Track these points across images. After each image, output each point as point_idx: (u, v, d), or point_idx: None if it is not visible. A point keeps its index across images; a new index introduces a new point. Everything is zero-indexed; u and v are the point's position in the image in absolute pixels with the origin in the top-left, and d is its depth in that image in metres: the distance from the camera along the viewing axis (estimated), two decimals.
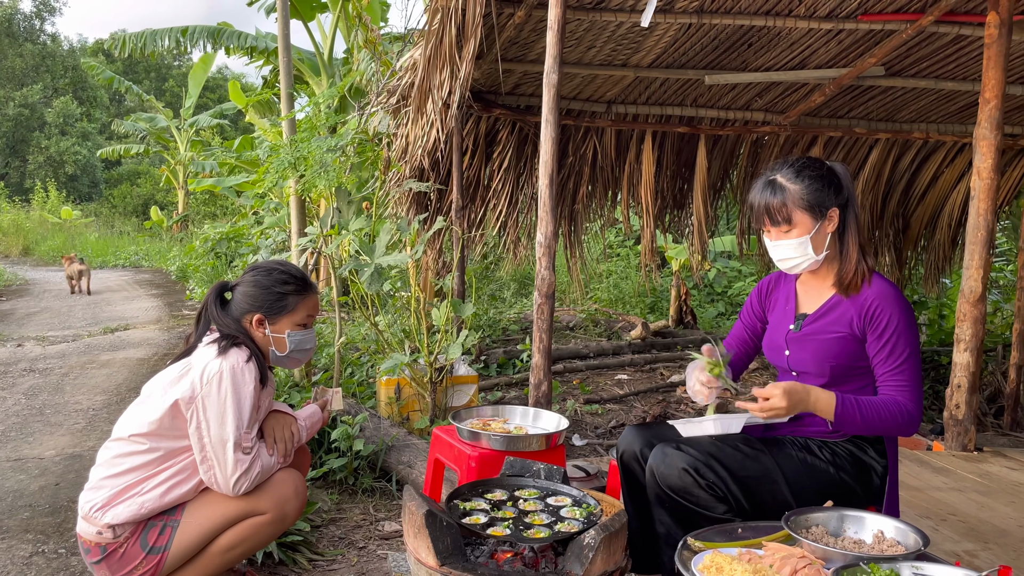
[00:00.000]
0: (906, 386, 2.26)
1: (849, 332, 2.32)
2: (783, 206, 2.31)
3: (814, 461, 2.32)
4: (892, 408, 2.23)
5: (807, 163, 2.35)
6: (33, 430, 4.96)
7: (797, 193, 2.31)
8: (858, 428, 2.25)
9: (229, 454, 2.32)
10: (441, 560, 1.95)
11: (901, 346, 2.26)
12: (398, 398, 4.67)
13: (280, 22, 5.08)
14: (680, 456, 2.23)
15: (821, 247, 2.35)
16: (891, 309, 2.28)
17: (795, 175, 2.33)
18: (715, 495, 2.20)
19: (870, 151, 6.71)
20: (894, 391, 2.26)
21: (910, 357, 2.27)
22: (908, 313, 2.29)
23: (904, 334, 2.27)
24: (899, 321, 2.27)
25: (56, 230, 22.60)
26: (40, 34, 35.10)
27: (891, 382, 2.28)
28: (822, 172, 2.34)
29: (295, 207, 5.10)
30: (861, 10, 4.83)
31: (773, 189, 2.34)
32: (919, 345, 2.30)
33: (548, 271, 3.75)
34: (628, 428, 2.54)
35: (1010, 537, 3.17)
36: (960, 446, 4.50)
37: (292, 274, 2.61)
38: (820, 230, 2.32)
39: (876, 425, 2.24)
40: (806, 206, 2.31)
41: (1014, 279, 7.15)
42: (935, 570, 1.79)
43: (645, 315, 10.25)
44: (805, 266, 2.37)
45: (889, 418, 2.23)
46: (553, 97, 3.67)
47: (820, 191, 2.31)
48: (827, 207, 2.32)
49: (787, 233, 2.34)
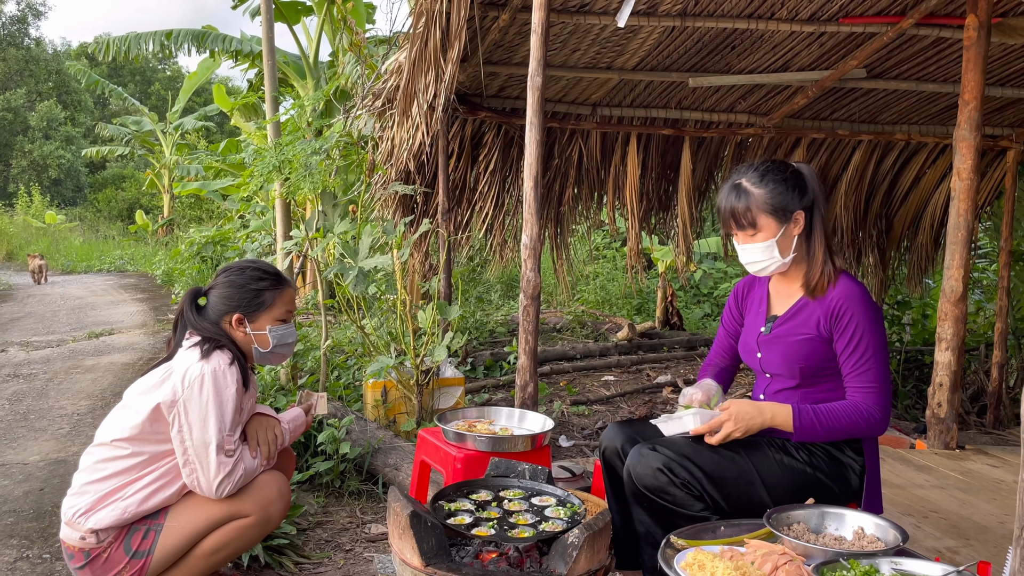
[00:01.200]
0: (870, 386, 2.27)
1: (816, 333, 2.34)
2: (748, 210, 2.34)
3: (791, 462, 2.33)
4: (852, 413, 2.25)
5: (771, 167, 2.37)
6: (17, 435, 4.93)
7: (761, 197, 2.33)
8: (820, 436, 2.28)
9: (212, 457, 2.32)
10: (426, 561, 1.96)
11: (864, 345, 2.27)
12: (384, 401, 4.67)
13: (264, 25, 5.08)
14: (655, 456, 2.25)
15: (788, 250, 2.37)
16: (855, 309, 2.29)
17: (759, 179, 2.35)
18: (691, 493, 2.22)
19: (853, 152, 6.76)
20: (858, 392, 2.28)
21: (875, 356, 2.27)
22: (873, 312, 2.30)
23: (869, 333, 2.28)
24: (863, 320, 2.28)
25: (40, 235, 22.45)
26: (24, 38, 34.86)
27: (856, 382, 2.29)
28: (786, 175, 2.36)
29: (280, 210, 5.10)
30: (842, 13, 4.87)
31: (738, 194, 2.36)
32: (885, 344, 2.31)
33: (534, 273, 3.76)
34: (610, 425, 2.56)
35: (991, 534, 3.20)
36: (942, 444, 4.54)
37: (265, 270, 2.61)
38: (786, 233, 2.35)
39: (838, 431, 2.27)
40: (770, 210, 2.33)
41: (996, 279, 7.21)
42: (914, 565, 1.81)
43: (631, 316, 10.28)
44: (773, 268, 2.40)
45: (851, 423, 2.25)
46: (538, 100, 3.69)
47: (784, 195, 2.33)
48: (792, 210, 2.34)
49: (753, 237, 2.36)
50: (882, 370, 2.28)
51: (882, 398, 2.27)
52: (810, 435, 2.27)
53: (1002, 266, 6.44)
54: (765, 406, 2.28)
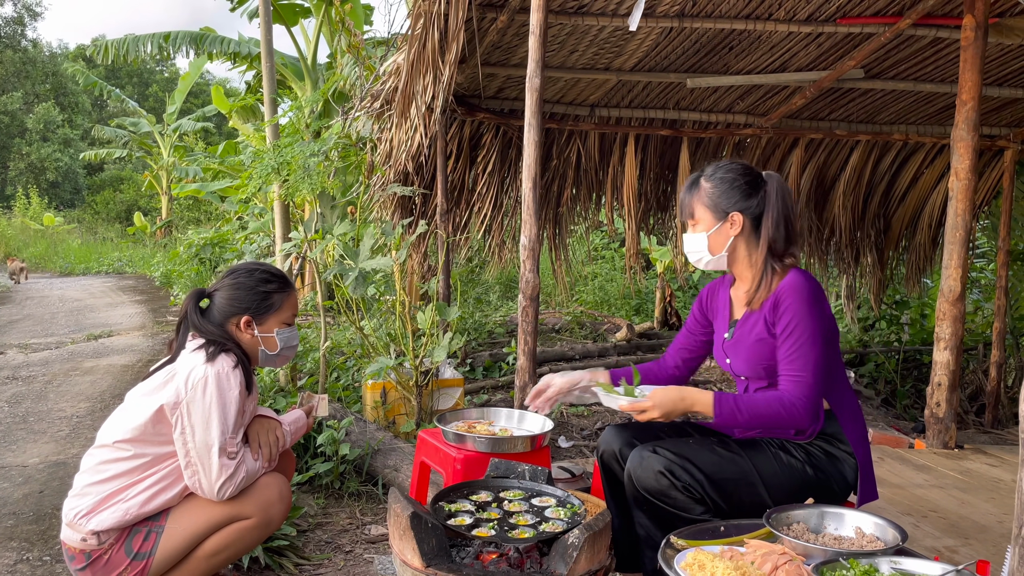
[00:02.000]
0: (798, 375, 2.25)
1: (767, 332, 2.36)
2: (690, 201, 2.45)
3: (790, 461, 2.34)
4: (775, 403, 2.24)
5: (727, 166, 2.44)
6: (16, 438, 4.93)
7: (705, 191, 2.42)
8: (741, 423, 2.27)
9: (214, 459, 2.32)
10: (426, 561, 1.96)
11: (797, 333, 2.26)
12: (384, 402, 4.68)
13: (263, 27, 5.08)
14: (656, 459, 2.25)
15: (719, 247, 2.42)
16: (791, 298, 2.29)
17: (712, 173, 2.44)
18: (692, 497, 2.22)
19: (851, 152, 6.77)
20: (787, 381, 2.27)
21: (806, 345, 2.25)
22: (811, 303, 2.28)
23: (803, 322, 2.26)
24: (799, 309, 2.27)
25: (38, 237, 22.42)
26: (21, 40, 34.82)
27: (785, 371, 2.29)
28: (733, 176, 2.40)
29: (279, 212, 5.11)
30: (840, 13, 4.88)
31: (691, 185, 2.47)
32: (820, 335, 2.26)
33: (533, 274, 3.77)
34: (608, 428, 2.57)
35: (990, 533, 3.21)
36: (941, 444, 4.55)
37: (273, 273, 2.61)
38: (720, 231, 2.40)
39: (759, 422, 2.26)
40: (708, 204, 2.41)
41: (994, 278, 7.22)
42: (913, 565, 1.81)
43: (630, 317, 10.29)
44: (705, 262, 2.46)
45: (772, 412, 2.24)
46: (536, 101, 3.69)
47: (724, 193, 2.39)
48: (728, 210, 2.38)
49: (693, 227, 2.46)
50: (809, 359, 2.25)
51: (809, 389, 2.24)
52: (729, 421, 2.26)
53: (1000, 265, 6.46)
54: (687, 392, 2.30)
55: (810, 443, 2.38)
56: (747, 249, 2.40)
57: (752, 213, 2.38)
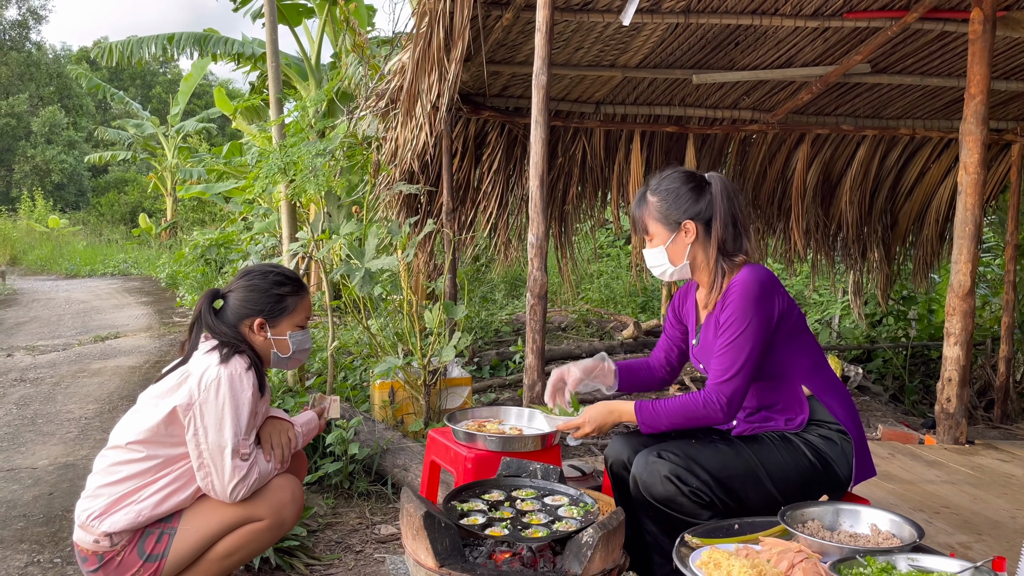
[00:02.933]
0: (720, 372, 2.27)
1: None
2: (641, 218, 2.45)
3: (792, 451, 2.34)
4: (690, 404, 2.30)
5: (669, 176, 2.44)
6: (25, 440, 4.94)
7: (653, 206, 2.43)
8: (665, 426, 2.34)
9: (227, 461, 2.32)
10: (440, 561, 1.95)
11: (732, 330, 2.27)
12: (392, 401, 4.67)
13: (268, 28, 5.08)
14: (662, 463, 2.25)
15: (679, 257, 2.42)
16: (735, 294, 2.29)
17: (655, 188, 2.44)
18: (699, 502, 2.22)
19: (857, 148, 6.75)
20: (711, 377, 2.30)
21: (737, 341, 2.26)
22: (754, 296, 2.26)
23: (740, 318, 2.26)
24: (738, 305, 2.27)
25: (44, 239, 22.45)
26: (25, 43, 34.88)
27: (714, 367, 2.31)
28: (677, 186, 2.40)
29: (285, 212, 5.10)
30: (846, 8, 4.86)
31: (640, 201, 2.47)
32: (756, 334, 2.26)
33: (540, 272, 3.76)
34: (615, 437, 2.57)
35: (1003, 528, 3.19)
36: (952, 439, 4.53)
37: (287, 275, 2.61)
38: (676, 241, 2.41)
39: (680, 421, 2.32)
40: (659, 218, 2.41)
41: (1002, 273, 7.20)
42: (930, 561, 1.80)
43: (637, 314, 10.27)
44: (669, 274, 2.46)
45: (689, 413, 2.30)
46: (542, 98, 3.68)
47: (671, 204, 2.39)
48: (679, 219, 2.38)
49: (651, 242, 2.46)
50: (740, 358, 2.25)
51: (728, 388, 2.26)
52: (652, 425, 2.34)
53: (1008, 260, 6.43)
54: (613, 405, 2.42)
55: (807, 431, 2.38)
56: (704, 253, 2.41)
57: (703, 218, 2.39)
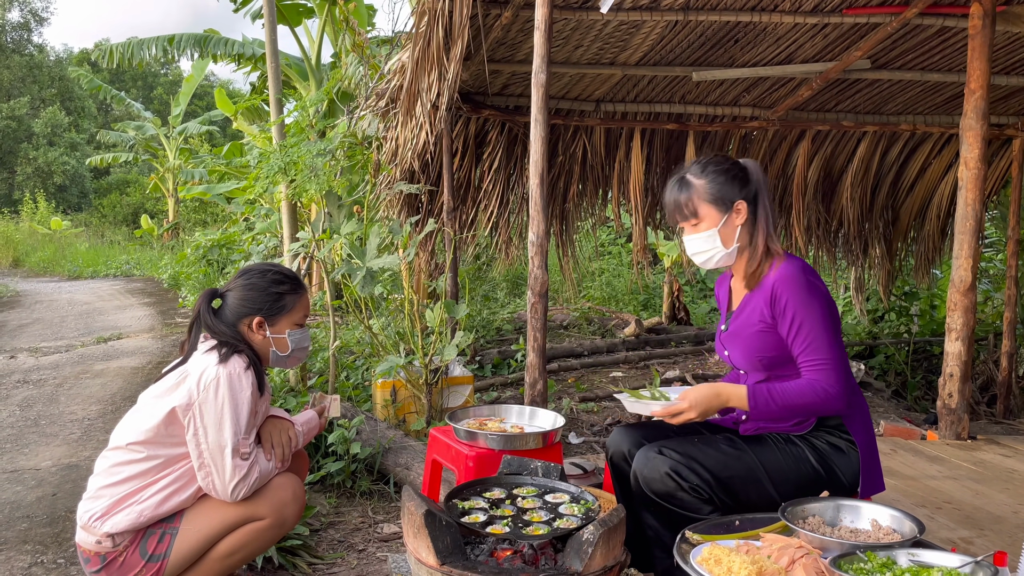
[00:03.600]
0: (820, 362, 2.26)
1: (763, 325, 2.35)
2: (689, 199, 2.40)
3: (796, 456, 2.33)
4: (806, 389, 2.25)
5: (712, 160, 2.43)
6: (28, 441, 4.95)
7: (702, 187, 2.40)
8: (776, 413, 2.27)
9: (227, 460, 2.33)
10: (441, 559, 1.96)
11: (808, 325, 2.26)
12: (394, 400, 4.68)
13: (268, 28, 5.08)
14: (662, 460, 2.25)
15: (731, 240, 2.40)
16: (790, 290, 2.29)
17: (700, 171, 2.42)
18: (699, 497, 2.22)
19: (858, 144, 6.75)
20: (811, 370, 2.27)
21: (817, 332, 2.26)
22: (808, 289, 2.28)
23: (806, 311, 2.27)
24: (798, 299, 2.27)
25: (46, 241, 22.47)
26: (27, 45, 34.92)
27: (806, 363, 2.28)
28: (726, 167, 2.41)
29: (286, 212, 5.11)
30: (846, 4, 4.85)
31: (681, 186, 2.43)
32: (828, 318, 2.28)
33: (541, 270, 3.76)
34: (616, 429, 2.57)
35: (1005, 523, 3.19)
36: (954, 435, 4.53)
37: (285, 274, 2.61)
38: (728, 223, 2.39)
39: (794, 408, 2.26)
40: (711, 199, 2.39)
41: (1003, 268, 7.19)
42: (931, 556, 1.80)
43: (638, 312, 10.27)
44: (717, 259, 2.43)
45: (806, 399, 2.25)
46: (542, 97, 3.68)
47: (724, 184, 2.38)
48: (732, 200, 2.38)
49: (696, 227, 2.42)
50: (827, 345, 2.26)
51: (835, 373, 2.25)
52: (765, 413, 2.27)
53: (1009, 255, 6.43)
54: (721, 387, 2.31)
55: (814, 435, 2.37)
56: (749, 236, 2.41)
57: (751, 200, 2.40)
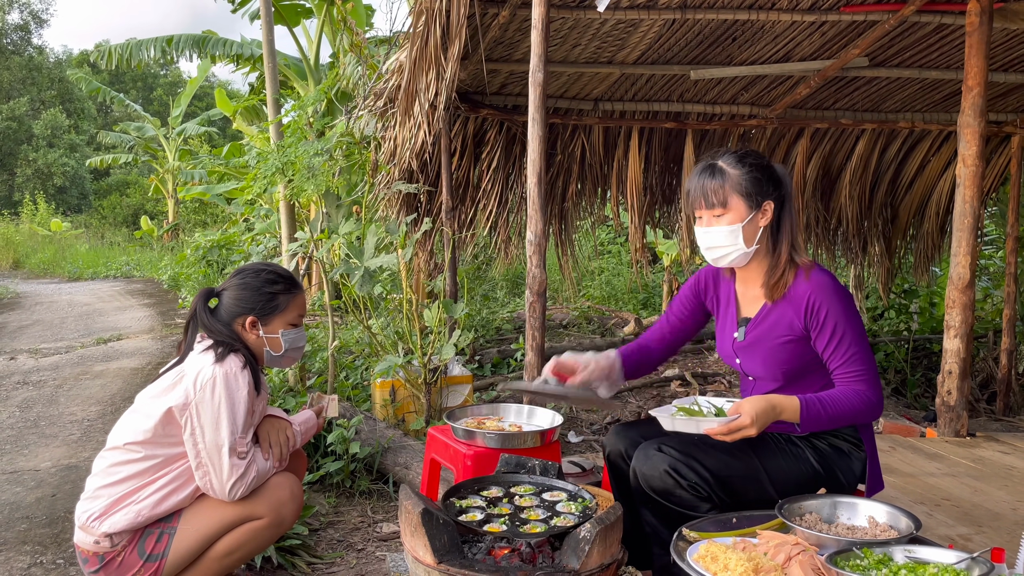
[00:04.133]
0: (861, 374, 2.25)
1: (793, 335, 2.31)
2: (721, 188, 2.29)
3: (796, 456, 2.32)
4: (853, 398, 2.23)
5: (751, 152, 2.35)
6: (28, 442, 4.95)
7: (737, 178, 2.29)
8: (824, 424, 2.23)
9: (224, 459, 2.33)
10: (438, 558, 1.96)
11: (848, 337, 2.25)
12: (393, 400, 4.68)
13: (264, 28, 5.08)
14: (661, 457, 2.23)
15: (752, 239, 2.31)
16: (829, 301, 2.25)
17: (737, 161, 2.31)
18: (698, 495, 2.20)
19: (856, 142, 6.74)
20: (853, 381, 2.25)
21: (856, 344, 2.25)
22: (846, 300, 2.28)
23: (847, 323, 2.25)
24: (839, 311, 2.25)
25: (46, 242, 22.48)
26: (27, 47, 34.93)
27: (846, 375, 2.26)
28: (764, 163, 2.34)
29: (285, 212, 5.12)
30: (843, 1, 4.85)
31: (713, 172, 2.32)
32: (863, 330, 2.29)
33: (539, 269, 3.76)
34: (613, 428, 2.54)
35: (1004, 520, 3.19)
36: (953, 432, 4.53)
37: (280, 274, 2.61)
38: (752, 221, 2.30)
39: (842, 417, 2.23)
40: (744, 192, 2.28)
41: (1003, 265, 7.19)
42: (928, 553, 1.80)
43: (638, 311, 10.27)
44: (733, 257, 2.34)
45: (853, 409, 2.23)
46: (539, 96, 3.68)
47: (759, 180, 2.30)
48: (763, 198, 2.30)
49: (719, 218, 2.31)
50: (866, 356, 2.26)
51: (874, 383, 2.25)
52: (815, 425, 2.22)
53: (1009, 252, 6.43)
54: (776, 400, 2.20)
55: (816, 436, 2.36)
56: (769, 241, 2.35)
57: (778, 202, 2.33)
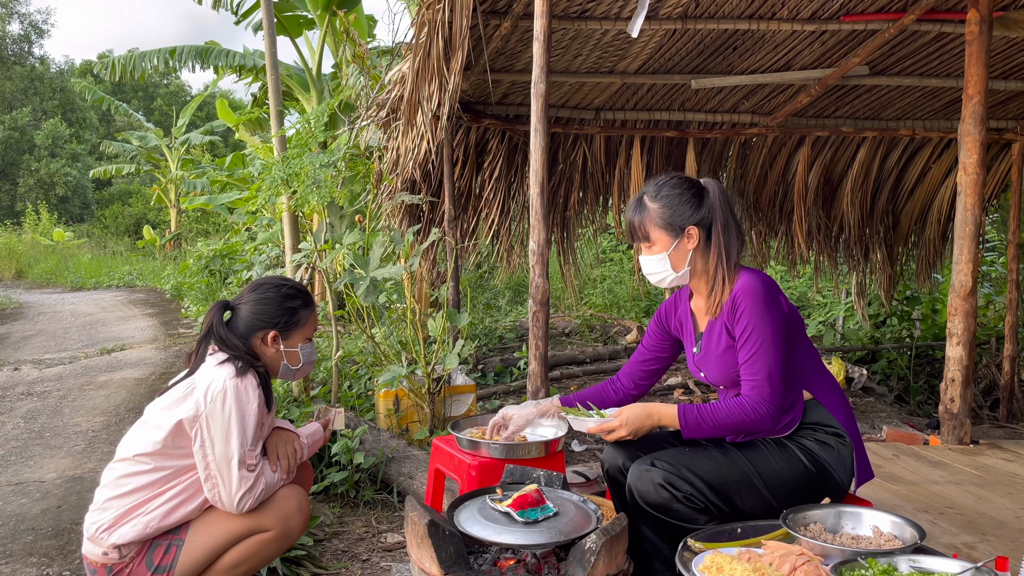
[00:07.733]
0: (756, 380, 2.28)
1: (730, 340, 2.37)
2: (642, 223, 2.43)
3: (788, 456, 2.35)
4: (736, 410, 2.27)
5: (668, 181, 2.44)
6: (33, 453, 4.96)
7: (655, 212, 2.41)
8: (708, 432, 2.31)
9: (233, 472, 2.34)
10: (445, 569, 1.97)
11: (755, 337, 2.28)
12: (397, 410, 4.69)
13: (267, 41, 5.10)
14: (655, 472, 2.26)
15: (681, 263, 2.41)
16: (746, 301, 2.30)
17: (655, 194, 2.43)
18: (695, 507, 2.23)
19: (857, 149, 6.77)
20: (747, 386, 2.30)
21: (762, 349, 2.27)
22: (765, 304, 2.29)
23: (757, 323, 2.28)
24: (753, 312, 2.28)
25: (49, 252, 22.51)
26: (28, 57, 35.07)
27: (746, 376, 2.31)
28: (680, 191, 2.40)
29: (288, 223, 5.12)
30: (843, 11, 4.88)
31: (637, 207, 2.45)
32: (776, 332, 2.29)
33: (542, 278, 3.78)
34: (610, 443, 2.56)
35: (1008, 528, 3.19)
36: (956, 439, 4.53)
37: (299, 289, 2.66)
38: (679, 247, 2.40)
39: (724, 427, 2.30)
40: (662, 224, 2.40)
41: (1005, 272, 7.20)
42: (932, 563, 1.81)
43: (640, 319, 10.28)
44: (669, 280, 2.45)
45: (735, 419, 2.28)
46: (541, 106, 3.70)
47: (675, 210, 2.39)
48: (683, 225, 2.38)
49: (649, 249, 2.44)
50: (767, 360, 2.27)
51: (767, 393, 2.26)
52: (696, 432, 2.31)
53: (1010, 259, 6.43)
54: (653, 408, 2.36)
55: (800, 435, 2.39)
56: (703, 260, 2.42)
57: (704, 224, 2.40)
